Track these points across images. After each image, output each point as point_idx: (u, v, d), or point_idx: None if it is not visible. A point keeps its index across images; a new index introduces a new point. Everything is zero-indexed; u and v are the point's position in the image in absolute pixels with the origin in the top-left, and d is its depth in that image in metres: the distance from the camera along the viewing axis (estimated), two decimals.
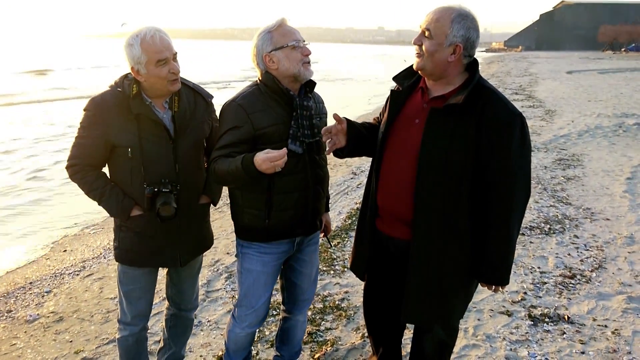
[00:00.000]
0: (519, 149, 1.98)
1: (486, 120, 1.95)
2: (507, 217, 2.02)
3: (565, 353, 3.05)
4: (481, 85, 2.02)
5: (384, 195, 2.19)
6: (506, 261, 2.09)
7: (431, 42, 1.99)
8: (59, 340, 3.35)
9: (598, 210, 5.72)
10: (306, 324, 2.67)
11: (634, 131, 10.57)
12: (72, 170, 2.27)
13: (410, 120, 2.12)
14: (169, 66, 2.14)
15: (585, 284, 3.95)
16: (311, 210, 2.33)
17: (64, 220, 6.29)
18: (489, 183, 1.99)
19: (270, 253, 2.34)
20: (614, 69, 33.97)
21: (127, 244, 2.34)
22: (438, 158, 1.99)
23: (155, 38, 2.11)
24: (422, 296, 2.13)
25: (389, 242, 2.24)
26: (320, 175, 2.34)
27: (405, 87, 2.18)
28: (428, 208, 2.04)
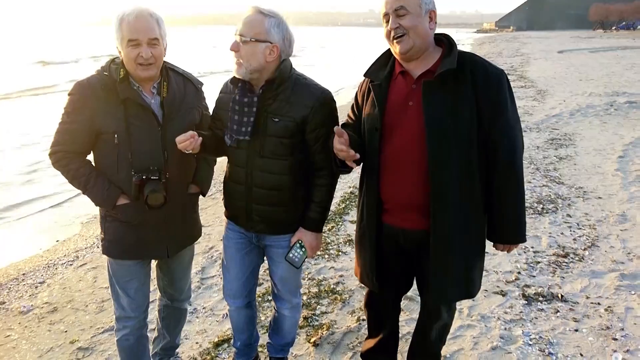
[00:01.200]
0: (511, 102, 2.06)
1: (480, 82, 1.99)
2: (517, 171, 2.07)
3: (559, 331, 3.08)
4: (461, 51, 2.05)
5: (391, 188, 2.13)
6: (523, 216, 2.13)
7: (411, 17, 1.96)
8: (53, 331, 3.33)
9: (590, 189, 5.75)
10: (295, 320, 2.61)
11: (625, 109, 10.60)
12: (55, 157, 2.20)
13: (402, 105, 2.07)
14: (139, 50, 2.06)
15: (578, 263, 3.98)
16: (250, 210, 2.28)
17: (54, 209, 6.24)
18: (494, 141, 2.03)
19: (232, 229, 2.45)
20: (605, 48, 33.94)
21: (112, 235, 2.29)
22: (445, 130, 1.98)
23: (131, 17, 2.05)
24: (450, 276, 2.12)
25: (399, 235, 2.19)
26: (261, 179, 2.21)
27: (383, 78, 2.12)
28: (444, 185, 2.01)
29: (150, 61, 2.10)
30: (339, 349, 2.98)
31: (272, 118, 2.16)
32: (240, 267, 2.46)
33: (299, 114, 2.15)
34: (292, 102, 2.16)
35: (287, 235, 2.35)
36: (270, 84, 2.14)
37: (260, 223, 2.31)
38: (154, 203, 2.16)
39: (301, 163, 2.25)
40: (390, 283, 2.36)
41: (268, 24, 2.09)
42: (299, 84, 2.20)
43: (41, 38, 69.30)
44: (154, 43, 2.09)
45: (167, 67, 2.29)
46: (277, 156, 2.19)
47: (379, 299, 2.48)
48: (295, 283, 2.52)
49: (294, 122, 2.15)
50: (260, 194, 2.24)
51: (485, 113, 2.00)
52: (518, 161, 2.07)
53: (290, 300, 2.52)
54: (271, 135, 2.17)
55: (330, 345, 3.01)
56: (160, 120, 2.21)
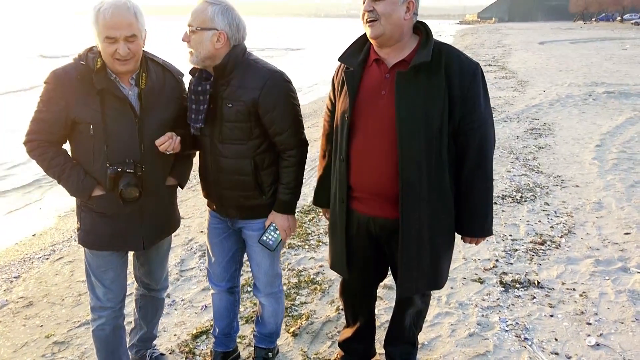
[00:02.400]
0: (484, 97, 2.05)
1: (453, 75, 1.98)
2: (486, 165, 2.08)
3: (535, 317, 3.12)
4: (438, 42, 2.04)
5: (361, 176, 2.13)
6: (490, 210, 2.15)
7: (386, 4, 1.94)
8: (29, 325, 3.28)
9: (568, 178, 5.83)
10: (273, 310, 2.57)
11: (603, 99, 10.76)
12: (30, 146, 2.15)
13: (375, 94, 2.06)
14: (115, 46, 2.01)
15: (555, 250, 4.03)
16: (220, 196, 2.33)
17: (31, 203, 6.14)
18: (464, 135, 2.03)
19: (212, 216, 2.51)
20: (584, 39, 34.38)
21: (88, 225, 2.25)
22: (416, 121, 1.97)
23: (108, 13, 1.98)
24: (416, 268, 2.13)
25: (370, 223, 2.19)
26: (223, 164, 2.25)
27: (357, 64, 2.11)
28: (413, 176, 2.01)
29: (127, 57, 2.05)
30: (318, 338, 2.98)
31: (227, 104, 2.18)
32: (220, 251, 2.52)
33: (248, 97, 2.15)
34: (244, 86, 2.17)
35: (260, 219, 2.37)
36: (221, 70, 2.15)
37: (231, 208, 2.35)
38: (129, 197, 2.13)
39: (261, 147, 2.25)
40: (362, 271, 2.36)
41: (212, 11, 2.09)
42: (250, 68, 2.19)
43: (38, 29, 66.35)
44: (131, 39, 2.04)
45: (147, 57, 2.23)
46: (234, 141, 2.21)
47: (353, 287, 2.49)
48: (272, 270, 2.49)
49: (245, 106, 2.16)
50: (226, 180, 2.28)
51: (457, 107, 1.99)
52: (488, 157, 2.08)
53: (266, 288, 2.51)
54: (227, 121, 2.19)
55: (310, 335, 3.01)
56: (138, 112, 2.16)
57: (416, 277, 2.15)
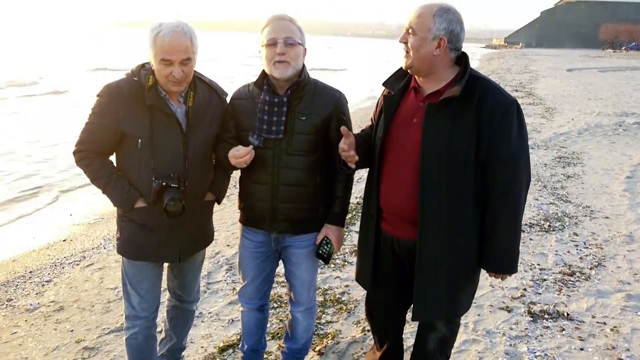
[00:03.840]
0: (518, 135, 2.03)
1: (485, 110, 1.98)
2: (513, 203, 2.05)
3: (565, 349, 3.07)
4: (474, 76, 2.05)
5: (388, 198, 2.19)
6: (515, 248, 2.12)
7: (415, 38, 2.02)
8: (59, 330, 3.35)
9: (597, 209, 5.74)
10: (308, 325, 2.63)
11: (633, 130, 10.59)
12: (78, 156, 2.25)
13: (407, 120, 2.12)
14: (171, 69, 2.10)
15: (584, 282, 3.97)
16: (276, 208, 2.33)
17: (64, 209, 6.29)
18: (492, 172, 2.02)
19: (249, 238, 2.49)
20: (614, 68, 33.96)
21: (127, 235, 2.32)
22: (440, 153, 2.00)
23: (167, 37, 2.07)
24: (432, 295, 2.14)
25: (394, 243, 2.24)
26: (288, 176, 2.29)
27: (397, 90, 2.18)
28: (433, 205, 2.04)
29: (181, 79, 2.15)
30: (343, 358, 2.98)
31: (300, 117, 2.27)
32: (256, 273, 2.54)
33: (324, 112, 2.31)
34: (316, 101, 2.31)
35: (307, 235, 2.43)
36: (298, 85, 2.27)
37: (284, 222, 2.37)
38: (173, 211, 2.19)
39: (322, 160, 2.36)
40: (387, 291, 2.39)
41: (302, 30, 2.29)
42: (318, 85, 2.36)
43: (87, 42, 66.83)
44: (186, 62, 2.13)
45: (195, 76, 2.32)
46: (303, 153, 2.29)
47: (378, 307, 2.50)
48: (313, 285, 2.58)
49: (321, 120, 2.30)
50: (287, 192, 2.32)
51: (484, 142, 1.98)
52: (516, 194, 2.04)
53: (307, 302, 2.56)
54: (298, 133, 2.28)
55: (335, 354, 3.01)
56: (184, 129, 2.25)
57: (431, 304, 2.15)
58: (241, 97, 2.38)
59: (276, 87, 2.28)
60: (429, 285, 2.12)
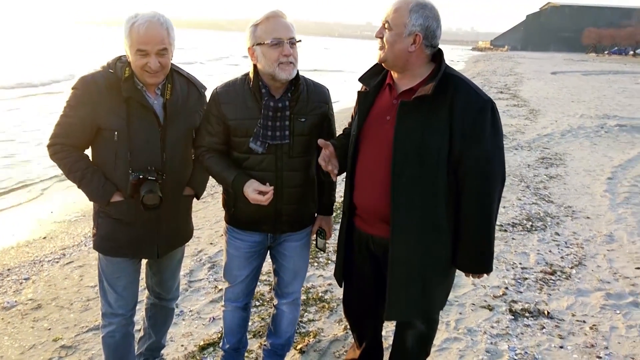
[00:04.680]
0: (492, 134, 1.99)
1: (458, 109, 1.95)
2: (486, 203, 2.02)
3: (545, 347, 3.09)
4: (449, 74, 2.02)
5: (361, 195, 2.18)
6: (489, 248, 2.09)
7: (391, 33, 2.01)
8: (37, 328, 3.29)
9: (579, 209, 5.81)
10: (295, 317, 2.63)
11: (615, 132, 10.75)
12: (53, 150, 2.19)
13: (381, 118, 2.10)
14: (147, 60, 2.06)
15: (565, 281, 4.01)
16: (279, 211, 2.30)
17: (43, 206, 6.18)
18: (465, 171, 1.99)
19: (242, 240, 2.41)
20: (597, 71, 34.47)
21: (104, 231, 2.28)
22: (412, 151, 1.98)
23: (142, 27, 2.03)
24: (404, 293, 2.12)
25: (369, 241, 2.23)
26: (292, 178, 2.27)
27: (372, 86, 2.16)
28: (405, 203, 2.02)
29: (157, 70, 2.11)
30: (325, 356, 2.97)
31: (299, 119, 2.24)
32: (246, 272, 2.50)
33: (320, 111, 2.30)
34: (312, 100, 2.28)
35: (304, 229, 2.46)
36: (295, 86, 2.23)
37: (287, 223, 2.36)
38: (150, 203, 2.15)
39: (316, 158, 2.33)
40: (363, 288, 2.39)
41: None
42: (308, 83, 2.32)
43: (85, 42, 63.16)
44: (162, 53, 2.10)
45: (173, 69, 2.29)
46: (304, 154, 2.29)
47: (354, 305, 2.50)
48: (304, 275, 2.60)
49: (318, 119, 2.29)
50: (291, 194, 2.30)
51: (456, 142, 1.96)
52: (490, 194, 2.01)
53: (294, 292, 2.57)
54: (299, 135, 2.25)
55: (317, 352, 3.00)
56: (162, 121, 2.21)
57: (403, 304, 2.14)
58: (230, 102, 2.23)
59: (272, 89, 2.19)
60: (402, 284, 2.10)
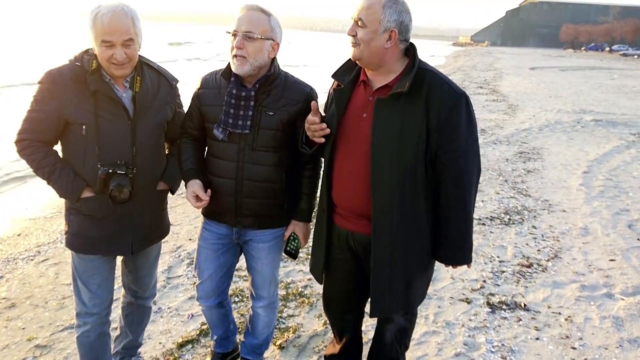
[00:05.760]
0: (466, 127, 2.00)
1: (434, 104, 1.95)
2: (464, 196, 2.04)
3: (521, 339, 3.14)
4: (423, 69, 2.01)
5: (340, 193, 2.16)
6: (468, 240, 2.12)
7: (365, 31, 1.96)
8: (10, 327, 3.22)
9: (555, 202, 5.90)
10: (269, 320, 2.60)
11: (591, 127, 10.95)
12: (20, 145, 2.14)
13: (358, 115, 2.08)
14: (112, 51, 2.02)
15: (541, 273, 4.07)
16: (240, 203, 2.28)
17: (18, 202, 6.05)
18: (442, 164, 2.01)
19: (210, 230, 2.43)
20: (574, 67, 35.06)
21: (75, 228, 2.23)
22: (390, 148, 1.98)
23: (106, 18, 1.99)
24: (388, 290, 2.12)
25: (349, 237, 2.22)
26: (253, 172, 2.24)
27: (347, 83, 2.13)
28: (385, 200, 2.02)
29: (124, 62, 2.06)
30: (304, 352, 2.97)
31: (267, 112, 2.21)
32: (215, 267, 2.46)
33: (292, 108, 2.24)
34: (285, 97, 2.24)
35: (271, 230, 2.39)
36: (266, 79, 2.19)
37: (249, 217, 2.32)
38: (119, 197, 2.11)
39: (290, 157, 2.31)
40: (343, 284, 2.38)
41: (273, 22, 2.18)
42: (289, 80, 2.29)
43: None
44: (128, 44, 2.05)
45: (142, 61, 2.24)
46: (269, 149, 2.24)
47: (335, 301, 2.48)
48: (275, 280, 2.53)
49: (289, 116, 2.23)
50: (251, 187, 2.26)
51: (434, 136, 1.96)
52: (466, 187, 2.04)
53: (267, 297, 2.52)
54: (265, 128, 2.21)
55: (296, 348, 3.00)
56: (131, 115, 2.17)
57: (388, 299, 2.14)
58: (207, 87, 2.29)
59: (244, 79, 2.19)
60: (385, 281, 2.11)
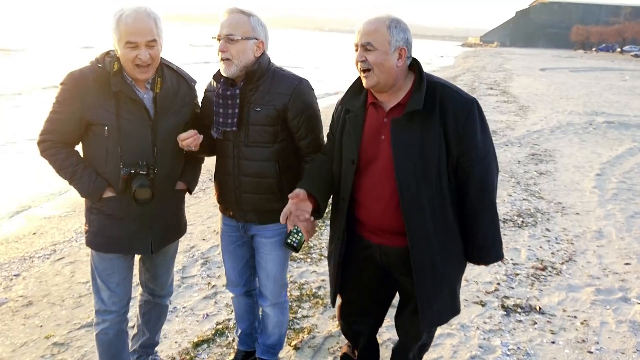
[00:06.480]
0: (482, 132, 2.05)
1: (449, 115, 1.97)
2: (489, 198, 2.10)
3: (537, 342, 3.13)
4: (432, 83, 2.02)
5: (369, 214, 2.15)
6: (498, 237, 2.17)
7: (377, 53, 1.95)
8: (28, 325, 3.26)
9: (569, 205, 5.87)
10: (278, 320, 2.60)
11: (603, 129, 10.86)
12: (43, 146, 2.17)
13: (376, 137, 2.08)
14: (136, 52, 2.05)
15: (556, 276, 4.05)
16: (239, 199, 2.35)
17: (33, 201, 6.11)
18: (465, 172, 2.04)
19: (225, 224, 2.54)
20: (585, 68, 34.79)
21: (96, 228, 2.26)
22: (414, 165, 1.99)
23: (130, 19, 2.02)
24: (435, 300, 2.14)
25: (376, 250, 2.20)
26: (247, 167, 2.30)
27: (358, 108, 2.12)
28: (417, 215, 2.03)
29: (148, 62, 2.09)
30: (319, 353, 2.98)
31: (254, 108, 2.26)
32: (234, 259, 2.57)
33: (279, 102, 2.25)
34: (272, 92, 2.26)
35: (274, 224, 2.39)
36: (251, 76, 2.24)
37: (250, 212, 2.39)
38: (142, 198, 2.14)
39: (285, 150, 2.33)
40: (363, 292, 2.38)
41: (253, 22, 2.22)
42: (277, 75, 2.30)
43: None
44: (152, 45, 2.08)
45: (162, 63, 2.27)
46: (261, 144, 2.28)
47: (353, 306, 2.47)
48: (281, 279, 2.54)
49: (275, 110, 2.26)
50: (248, 183, 2.32)
51: (453, 146, 1.99)
52: (489, 189, 2.09)
53: (273, 297, 2.53)
54: (254, 124, 2.26)
55: (311, 349, 3.00)
56: (152, 115, 2.20)
57: (437, 309, 2.16)
58: (208, 90, 2.40)
59: (235, 80, 2.26)
60: (431, 292, 2.12)
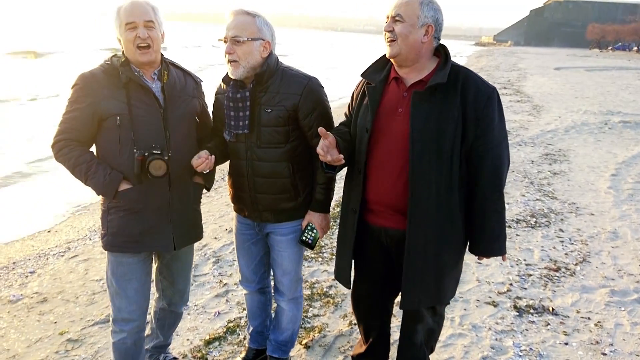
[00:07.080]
0: (499, 121, 2.08)
1: (469, 98, 2.02)
2: (500, 186, 2.11)
3: (549, 344, 3.10)
4: (455, 65, 2.09)
5: (378, 189, 2.18)
6: (503, 230, 2.17)
7: (404, 25, 2.02)
8: (43, 321, 3.30)
9: (583, 205, 5.80)
10: (293, 316, 2.63)
11: (619, 129, 10.71)
12: (57, 147, 2.19)
13: (392, 111, 2.12)
14: (136, 32, 2.13)
15: (569, 277, 4.00)
16: (254, 199, 2.38)
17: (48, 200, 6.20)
18: (478, 156, 2.06)
19: (240, 222, 2.57)
20: (600, 67, 34.34)
21: (115, 228, 2.24)
22: (429, 141, 2.02)
23: (127, 5, 2.15)
24: (420, 282, 2.15)
25: (381, 233, 2.24)
26: (260, 168, 2.32)
27: (378, 81, 2.17)
28: (423, 193, 2.06)
29: (147, 42, 2.15)
30: (330, 352, 2.98)
31: (265, 109, 2.26)
32: (248, 256, 2.60)
33: (289, 103, 2.26)
34: (282, 92, 2.27)
35: (290, 222, 2.44)
36: (260, 78, 2.24)
37: (265, 212, 2.41)
38: (156, 172, 2.13)
39: (298, 150, 2.35)
40: (373, 283, 2.40)
41: (259, 22, 2.23)
42: (286, 74, 2.31)
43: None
44: (150, 25, 2.15)
45: (167, 61, 2.34)
46: (273, 145, 2.30)
47: (364, 299, 2.50)
48: (297, 274, 2.58)
49: (286, 111, 2.26)
50: (262, 183, 2.34)
51: (470, 129, 2.03)
52: (501, 178, 2.11)
53: (290, 292, 2.57)
54: (266, 126, 2.27)
55: (322, 348, 3.01)
56: (162, 103, 2.24)
57: (419, 291, 2.17)
58: (218, 92, 2.42)
59: (244, 81, 2.27)
60: (418, 272, 2.13)
